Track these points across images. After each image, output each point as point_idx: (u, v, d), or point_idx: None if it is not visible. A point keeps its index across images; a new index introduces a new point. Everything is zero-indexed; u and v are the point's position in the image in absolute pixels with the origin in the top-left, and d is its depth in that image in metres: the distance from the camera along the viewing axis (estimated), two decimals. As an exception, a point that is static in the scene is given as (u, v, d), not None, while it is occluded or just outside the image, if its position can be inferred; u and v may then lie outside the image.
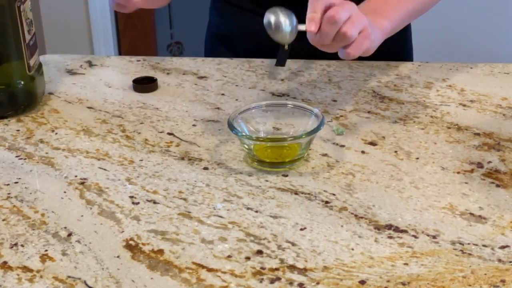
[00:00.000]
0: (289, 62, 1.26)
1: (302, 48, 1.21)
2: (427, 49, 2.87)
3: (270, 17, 0.93)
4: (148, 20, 3.11)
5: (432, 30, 2.83)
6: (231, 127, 0.93)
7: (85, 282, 0.73)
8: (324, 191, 0.88)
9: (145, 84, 1.17)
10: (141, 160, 0.95)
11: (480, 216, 0.82)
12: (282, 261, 0.75)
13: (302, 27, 0.92)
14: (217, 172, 0.92)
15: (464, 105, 1.09)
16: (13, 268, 0.75)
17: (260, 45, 1.25)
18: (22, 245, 0.79)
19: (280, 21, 0.92)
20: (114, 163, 0.95)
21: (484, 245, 0.77)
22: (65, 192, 0.89)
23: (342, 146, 0.98)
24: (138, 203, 0.86)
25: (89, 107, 1.11)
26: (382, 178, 0.90)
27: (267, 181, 0.90)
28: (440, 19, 2.82)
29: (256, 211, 0.84)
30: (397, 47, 1.33)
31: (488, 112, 1.07)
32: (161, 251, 0.77)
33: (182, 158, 0.96)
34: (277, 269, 0.74)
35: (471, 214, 0.83)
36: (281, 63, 1.16)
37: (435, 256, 0.75)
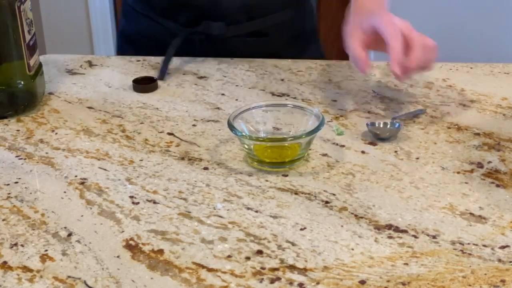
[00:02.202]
0: (289, 62, 1.26)
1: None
2: (427, 49, 2.87)
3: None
4: (148, 20, 3.10)
5: (432, 30, 2.83)
6: (231, 127, 0.93)
7: (85, 282, 0.73)
8: (324, 191, 0.88)
9: (145, 84, 1.17)
10: (141, 160, 0.95)
11: (480, 216, 0.82)
12: (282, 261, 0.75)
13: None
14: (217, 172, 0.92)
15: (464, 105, 1.09)
16: (13, 268, 0.75)
17: (156, 47, 1.29)
18: (22, 245, 0.79)
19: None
20: (114, 163, 0.95)
21: (484, 245, 0.77)
22: (65, 192, 0.89)
23: (342, 146, 0.98)
24: (138, 203, 0.86)
25: (89, 107, 1.11)
26: (382, 178, 0.90)
27: (267, 181, 0.90)
28: (440, 19, 2.82)
29: (256, 211, 0.84)
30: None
31: (488, 112, 1.07)
32: (161, 251, 0.77)
33: (182, 158, 0.96)
34: (277, 269, 0.74)
35: (471, 214, 0.83)
36: (160, 76, 1.21)
37: (435, 256, 0.75)
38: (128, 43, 1.41)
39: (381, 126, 1.00)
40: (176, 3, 1.28)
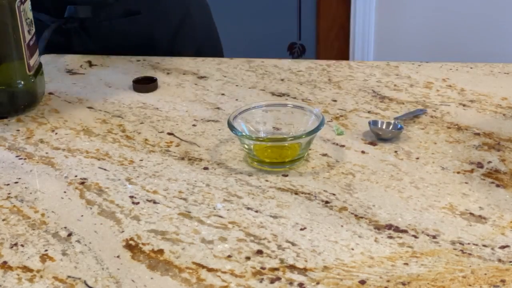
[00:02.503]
0: (289, 62, 1.26)
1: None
2: (427, 49, 2.88)
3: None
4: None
5: (432, 30, 2.83)
6: (231, 127, 0.93)
7: (85, 282, 0.73)
8: (324, 191, 0.88)
9: (145, 84, 1.17)
10: (141, 160, 0.95)
11: (480, 216, 0.82)
12: (282, 261, 0.75)
13: None
14: (217, 172, 0.92)
15: (464, 105, 1.09)
16: (13, 268, 0.75)
17: (46, 43, 1.30)
18: (22, 245, 0.79)
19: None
20: (114, 163, 0.95)
21: (484, 245, 0.77)
22: (65, 192, 0.89)
23: (342, 146, 0.98)
24: (138, 203, 0.86)
25: (89, 107, 1.11)
26: (382, 178, 0.90)
27: (267, 181, 0.90)
28: (440, 19, 2.82)
29: (256, 211, 0.84)
30: None
31: (488, 112, 1.07)
32: (161, 251, 0.77)
33: (182, 158, 0.96)
34: (277, 269, 0.74)
35: (471, 214, 0.83)
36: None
37: (435, 256, 0.75)
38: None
39: (384, 126, 1.00)
40: None
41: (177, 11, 1.37)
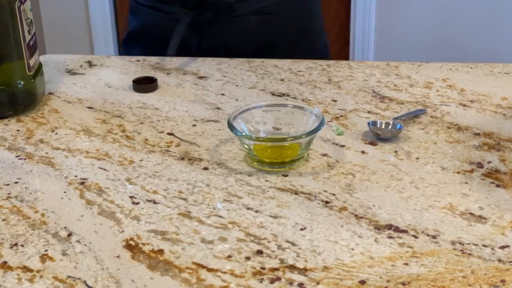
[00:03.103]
0: (289, 62, 1.26)
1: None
2: (427, 49, 2.88)
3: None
4: (148, 20, 3.10)
5: (432, 30, 2.83)
6: (231, 127, 0.93)
7: (85, 282, 0.73)
8: (324, 191, 0.88)
9: (145, 84, 1.17)
10: (141, 160, 0.95)
11: (480, 216, 0.82)
12: (282, 261, 0.75)
13: None
14: (217, 172, 0.92)
15: (464, 105, 1.09)
16: (13, 268, 0.75)
17: (163, 39, 1.30)
18: (22, 245, 0.79)
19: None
20: (114, 163, 0.95)
21: (484, 245, 0.77)
22: (65, 192, 0.89)
23: (342, 146, 0.98)
24: (138, 203, 0.86)
25: (89, 107, 1.11)
26: (382, 178, 0.90)
27: (267, 181, 0.90)
28: (440, 19, 2.82)
29: (256, 211, 0.84)
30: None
31: (488, 112, 1.07)
32: (161, 251, 0.77)
33: (182, 158, 0.96)
34: (277, 269, 0.74)
35: (471, 214, 0.83)
36: (170, 52, 1.24)
37: (435, 256, 0.75)
38: (135, 42, 1.41)
39: (383, 126, 1.00)
40: None
41: (302, 15, 1.37)
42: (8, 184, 0.91)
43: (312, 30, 1.40)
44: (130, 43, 1.43)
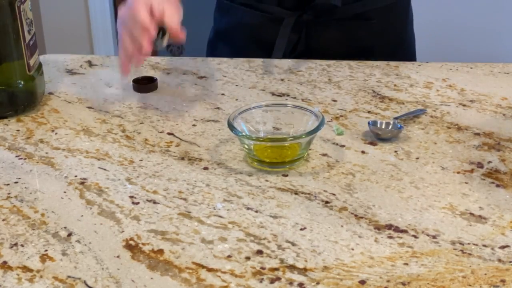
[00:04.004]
0: (289, 62, 1.26)
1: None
2: (427, 49, 2.87)
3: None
4: (148, 20, 3.10)
5: (432, 30, 2.83)
6: (231, 127, 0.93)
7: (85, 282, 0.73)
8: (324, 191, 0.88)
9: (145, 84, 1.17)
10: (141, 160, 0.95)
11: (480, 216, 0.82)
12: (282, 261, 0.75)
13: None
14: (217, 172, 0.92)
15: (464, 105, 1.09)
16: (13, 268, 0.75)
17: (255, 38, 1.27)
18: (22, 245, 0.79)
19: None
20: (114, 163, 0.95)
21: (484, 245, 0.77)
22: (65, 192, 0.89)
23: (342, 146, 0.98)
24: (138, 203, 0.86)
25: (89, 107, 1.11)
26: (382, 178, 0.90)
27: (267, 181, 0.90)
28: (440, 19, 2.82)
29: (256, 211, 0.84)
30: (401, 50, 1.34)
31: (488, 112, 1.07)
32: (161, 251, 0.77)
33: (182, 158, 0.96)
34: (277, 269, 0.74)
35: (471, 214, 0.83)
36: (276, 56, 1.20)
37: (435, 256, 0.75)
38: (223, 41, 1.37)
39: (383, 126, 1.00)
40: None
41: (399, 22, 1.35)
42: (8, 184, 0.91)
43: (407, 37, 1.38)
44: (217, 42, 1.38)
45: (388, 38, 1.32)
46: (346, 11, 1.26)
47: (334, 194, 0.87)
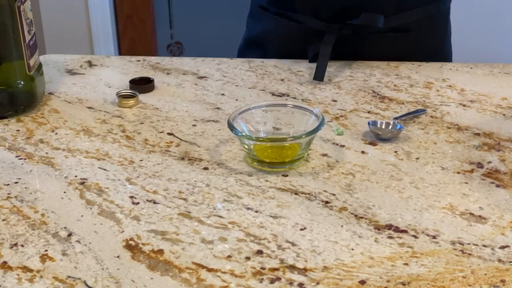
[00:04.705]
0: (289, 62, 1.26)
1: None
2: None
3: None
4: (148, 20, 3.11)
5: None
6: (231, 127, 0.93)
7: (85, 282, 0.73)
8: (324, 191, 0.88)
9: (141, 85, 1.16)
10: (141, 160, 0.95)
11: (480, 216, 0.82)
12: (282, 261, 0.75)
13: None
14: (217, 172, 0.92)
15: (464, 105, 1.09)
16: (13, 268, 0.75)
17: (287, 48, 1.26)
18: (22, 245, 0.79)
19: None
20: (114, 163, 0.95)
21: (484, 245, 0.77)
22: (65, 192, 0.89)
23: (342, 146, 0.98)
24: (138, 203, 0.86)
25: (89, 107, 1.11)
26: (382, 178, 0.90)
27: (267, 181, 0.90)
28: (440, 19, 2.81)
29: (256, 211, 0.84)
30: (435, 52, 1.33)
31: (488, 112, 1.07)
32: (161, 251, 0.77)
33: (182, 158, 0.96)
34: (277, 269, 0.74)
35: (471, 214, 0.83)
36: (319, 76, 1.16)
37: (435, 256, 0.75)
38: (253, 47, 1.35)
39: (383, 126, 1.00)
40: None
41: (436, 34, 1.32)
42: (8, 184, 0.91)
43: (445, 50, 1.36)
44: (247, 50, 1.36)
45: (426, 50, 1.30)
46: (385, 24, 1.21)
47: (334, 194, 0.87)
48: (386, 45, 1.27)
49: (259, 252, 0.77)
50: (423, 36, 1.29)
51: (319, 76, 1.16)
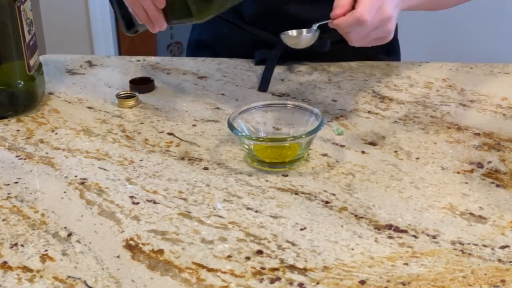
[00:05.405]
0: (289, 62, 1.26)
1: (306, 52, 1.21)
2: (427, 49, 2.88)
3: (288, 33, 0.99)
4: (148, 20, 3.10)
5: (432, 30, 2.83)
6: (231, 127, 0.93)
7: (85, 282, 0.73)
8: (324, 191, 0.88)
9: (141, 85, 1.16)
10: (141, 160, 0.95)
11: (480, 216, 0.82)
12: (282, 261, 0.75)
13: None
14: (217, 172, 0.92)
15: (464, 105, 1.09)
16: (13, 268, 0.75)
17: (240, 51, 1.27)
18: (22, 245, 0.79)
19: (301, 31, 0.98)
20: (114, 163, 0.95)
21: (484, 245, 0.77)
22: (65, 192, 0.89)
23: (342, 146, 0.98)
24: (138, 203, 0.86)
25: (89, 107, 1.11)
26: (382, 178, 0.90)
27: (267, 181, 0.90)
28: (440, 19, 2.82)
29: (256, 211, 0.84)
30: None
31: (488, 112, 1.07)
32: (161, 251, 0.77)
33: (182, 158, 0.96)
34: (277, 269, 0.74)
35: (471, 214, 0.83)
36: (263, 87, 1.17)
37: (435, 256, 0.75)
38: (203, 48, 1.35)
39: (295, 34, 0.97)
40: (269, 12, 1.23)
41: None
42: (8, 184, 0.91)
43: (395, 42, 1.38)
44: (199, 50, 1.37)
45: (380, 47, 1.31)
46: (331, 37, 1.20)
47: (334, 194, 0.87)
48: (335, 53, 1.25)
49: (259, 252, 0.77)
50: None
51: (263, 88, 1.16)
